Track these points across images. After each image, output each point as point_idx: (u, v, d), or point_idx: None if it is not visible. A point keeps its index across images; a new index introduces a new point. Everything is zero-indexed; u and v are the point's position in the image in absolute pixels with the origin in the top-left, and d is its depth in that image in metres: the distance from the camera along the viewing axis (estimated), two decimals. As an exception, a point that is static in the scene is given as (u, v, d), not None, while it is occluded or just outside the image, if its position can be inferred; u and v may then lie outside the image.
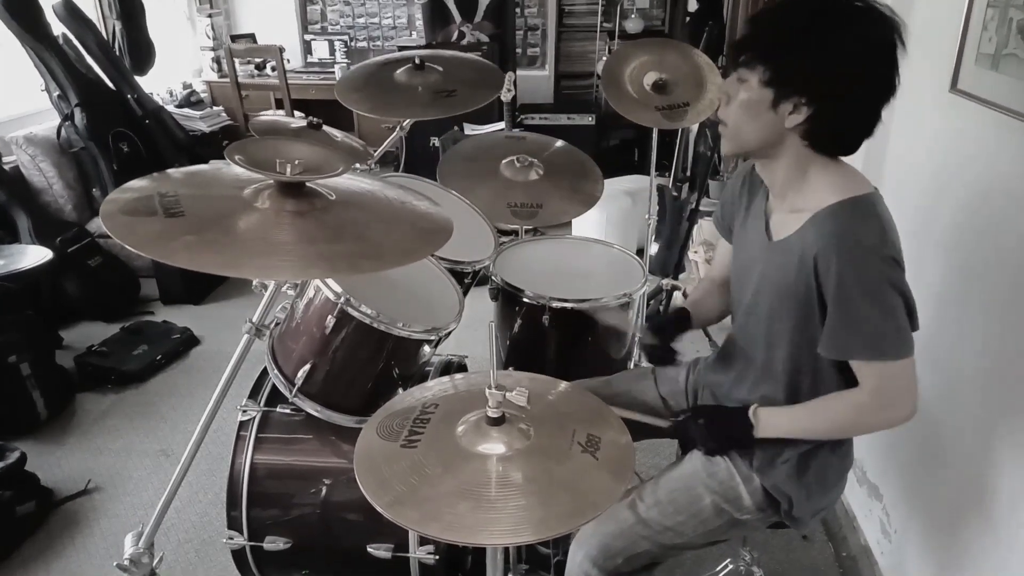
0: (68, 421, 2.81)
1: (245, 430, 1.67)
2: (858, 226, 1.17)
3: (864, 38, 1.15)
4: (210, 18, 5.26)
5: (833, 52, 1.15)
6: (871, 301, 1.16)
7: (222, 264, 0.97)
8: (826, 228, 1.18)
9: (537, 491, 1.01)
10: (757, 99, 1.20)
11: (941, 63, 1.62)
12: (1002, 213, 1.46)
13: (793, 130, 1.20)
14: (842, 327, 1.19)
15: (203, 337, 3.40)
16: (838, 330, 1.20)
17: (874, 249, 1.16)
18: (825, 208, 1.20)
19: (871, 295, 1.16)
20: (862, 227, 1.17)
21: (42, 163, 3.67)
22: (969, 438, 1.56)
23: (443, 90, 1.93)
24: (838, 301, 1.18)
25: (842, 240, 1.17)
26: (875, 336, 1.18)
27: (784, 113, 1.19)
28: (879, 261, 1.16)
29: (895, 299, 1.17)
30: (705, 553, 2.05)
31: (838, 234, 1.17)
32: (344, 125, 2.78)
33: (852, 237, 1.16)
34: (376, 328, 1.48)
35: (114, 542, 2.22)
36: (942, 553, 1.67)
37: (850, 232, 1.17)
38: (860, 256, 1.16)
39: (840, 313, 1.18)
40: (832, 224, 1.18)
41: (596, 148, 4.91)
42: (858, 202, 1.19)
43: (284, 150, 1.13)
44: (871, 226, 1.18)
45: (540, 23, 5.55)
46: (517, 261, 1.94)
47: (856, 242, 1.16)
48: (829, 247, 1.17)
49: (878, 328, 1.17)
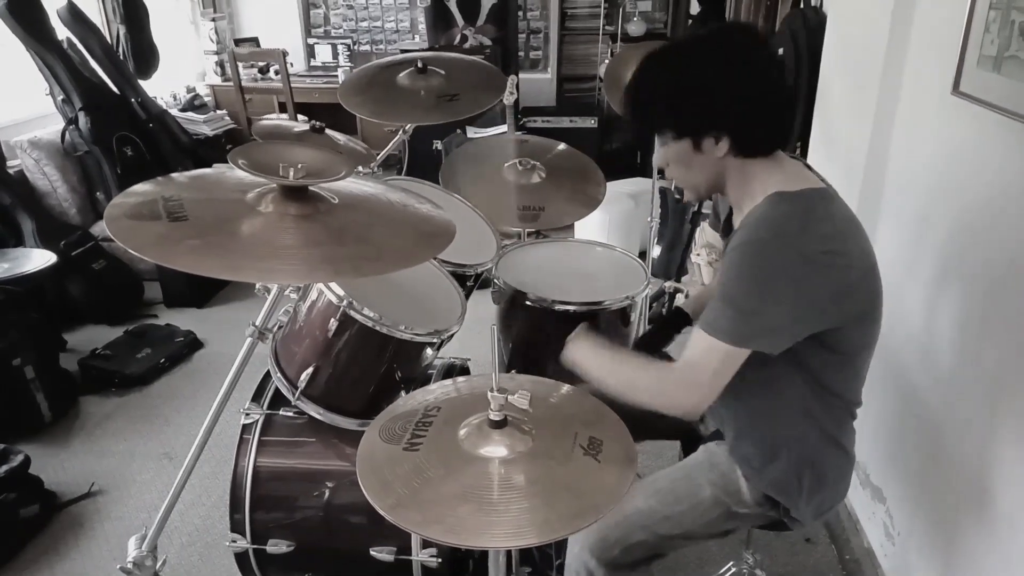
0: (72, 424, 2.82)
1: (248, 433, 1.67)
2: (778, 215, 1.19)
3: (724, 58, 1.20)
4: (214, 22, 5.28)
5: (707, 85, 1.19)
6: (745, 281, 1.17)
7: (225, 268, 0.97)
8: (753, 215, 1.22)
9: (539, 494, 1.01)
10: (683, 151, 1.26)
11: (943, 65, 1.62)
12: (1004, 215, 1.46)
13: (726, 155, 1.23)
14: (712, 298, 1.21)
15: (206, 340, 3.41)
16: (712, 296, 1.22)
17: (783, 239, 1.16)
18: (758, 203, 1.23)
19: (750, 276, 1.17)
20: (783, 217, 1.18)
21: (46, 167, 3.68)
22: (972, 440, 1.55)
23: (446, 94, 1.94)
24: (725, 270, 1.20)
25: (756, 225, 1.19)
26: (724, 310, 1.18)
27: (710, 148, 1.23)
28: (784, 252, 1.16)
29: (781, 291, 1.16)
30: (708, 555, 2.06)
31: (755, 220, 1.20)
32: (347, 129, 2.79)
33: (766, 224, 1.18)
34: (379, 331, 1.48)
35: (117, 545, 2.22)
36: (946, 556, 1.67)
37: (765, 220, 1.19)
38: (761, 241, 1.17)
39: (721, 283, 1.20)
40: (759, 211, 1.21)
41: (598, 151, 4.91)
42: (790, 196, 1.21)
43: (287, 154, 1.13)
44: (793, 217, 1.18)
45: (542, 26, 5.56)
46: (519, 264, 1.94)
47: (767, 229, 1.18)
48: (743, 230, 1.21)
49: (733, 305, 1.17)
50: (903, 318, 1.82)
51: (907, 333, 1.82)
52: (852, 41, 2.12)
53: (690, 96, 1.21)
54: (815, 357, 1.25)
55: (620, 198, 3.90)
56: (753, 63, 1.20)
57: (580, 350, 1.42)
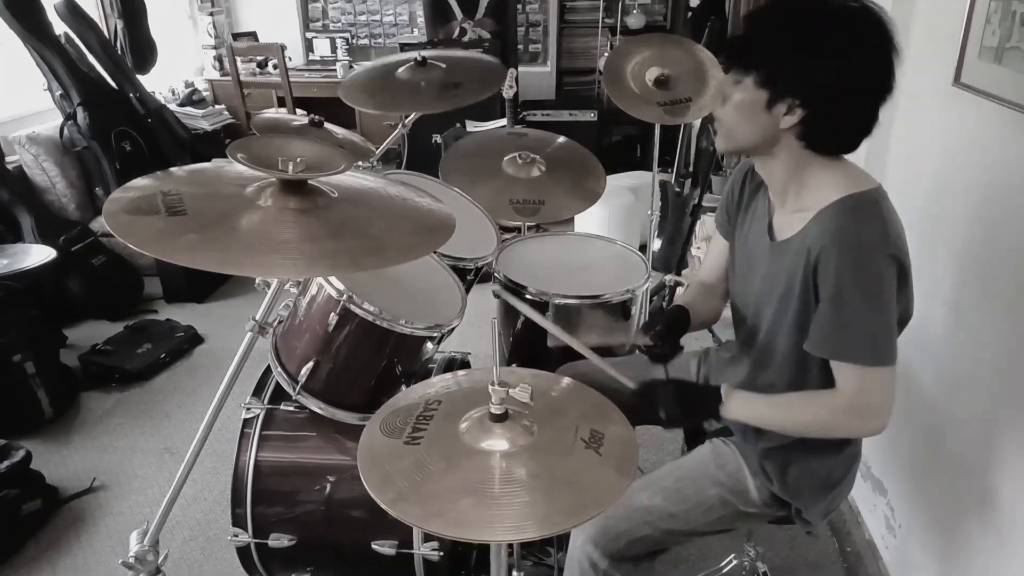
0: (73, 420, 2.82)
1: (249, 427, 1.67)
2: (860, 223, 1.16)
3: (859, 40, 1.14)
4: (212, 16, 5.26)
5: (827, 55, 1.14)
6: (866, 300, 1.15)
7: (225, 262, 0.97)
8: (827, 225, 1.17)
9: (541, 487, 1.01)
10: (752, 100, 1.19)
11: (944, 57, 1.61)
12: (1006, 208, 1.46)
13: (789, 131, 1.19)
14: (833, 326, 1.18)
15: (207, 335, 3.41)
16: (828, 328, 1.18)
17: (874, 246, 1.15)
18: (827, 206, 1.19)
19: (867, 294, 1.15)
20: (864, 224, 1.16)
21: (45, 162, 3.67)
22: (973, 433, 1.55)
23: (450, 83, 1.94)
24: (833, 298, 1.16)
25: (843, 236, 1.15)
26: (864, 338, 1.16)
27: (779, 114, 1.18)
28: (879, 259, 1.15)
29: (891, 300, 1.16)
30: (710, 548, 2.06)
31: (839, 230, 1.16)
32: (346, 122, 2.78)
33: (853, 233, 1.15)
34: (379, 325, 1.48)
35: (119, 540, 2.23)
36: (946, 548, 1.67)
37: (851, 228, 1.16)
38: (860, 253, 1.15)
39: (833, 311, 1.17)
40: (833, 221, 1.17)
41: (598, 144, 4.90)
42: (860, 198, 1.18)
43: (286, 148, 1.13)
44: (873, 223, 1.17)
45: (542, 19, 5.54)
46: (519, 258, 1.93)
47: (857, 238, 1.15)
48: (830, 244, 1.16)
49: (868, 330, 1.16)
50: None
51: (908, 325, 1.81)
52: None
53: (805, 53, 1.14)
54: None
55: (620, 191, 3.90)
56: (879, 60, 1.15)
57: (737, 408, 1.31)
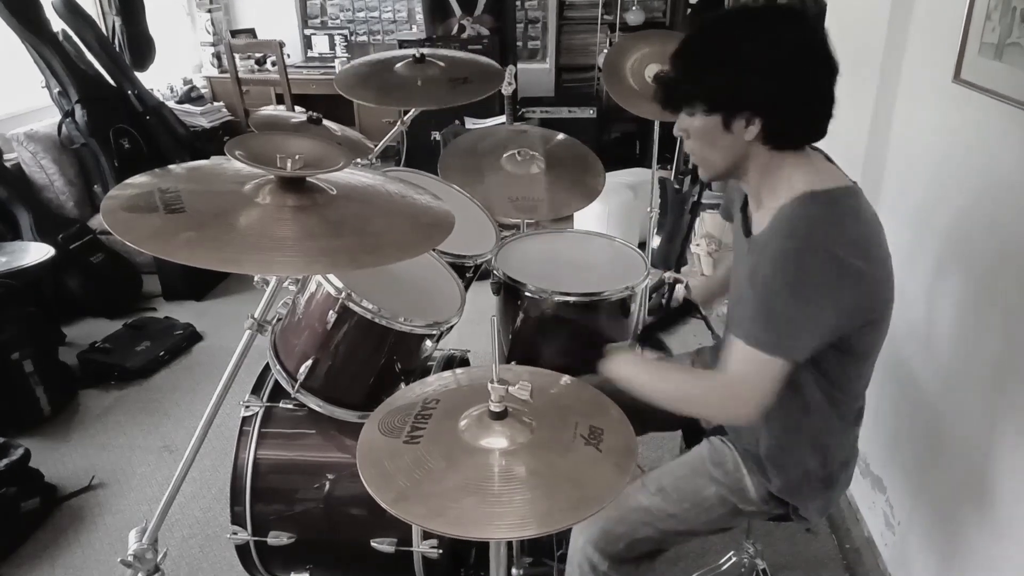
0: (71, 417, 2.82)
1: (248, 425, 1.67)
2: (810, 218, 1.15)
3: (779, 36, 1.14)
4: (210, 13, 5.26)
5: (755, 62, 1.14)
6: (786, 289, 1.13)
7: (223, 260, 0.97)
8: (781, 219, 1.18)
9: (541, 484, 1.01)
10: (710, 127, 1.20)
11: (944, 53, 1.61)
12: (1005, 205, 1.45)
13: (754, 140, 1.19)
14: (744, 303, 1.17)
15: (205, 333, 3.41)
16: (741, 306, 1.18)
17: (816, 243, 1.13)
18: (788, 202, 1.19)
19: (790, 284, 1.13)
20: (814, 220, 1.15)
21: (43, 160, 3.67)
22: (972, 430, 1.55)
23: (449, 79, 1.93)
24: (758, 280, 1.15)
25: (790, 230, 1.15)
26: (765, 320, 1.14)
27: (740, 130, 1.18)
28: (818, 256, 1.12)
29: (817, 298, 1.13)
30: (709, 545, 2.06)
31: (787, 222, 1.16)
32: (344, 120, 2.78)
33: (803, 226, 1.15)
34: (377, 323, 1.48)
35: (118, 538, 2.23)
36: (945, 545, 1.67)
37: (801, 223, 1.15)
38: (799, 245, 1.13)
39: (752, 291, 1.16)
40: (788, 214, 1.17)
41: (597, 141, 4.90)
42: (820, 196, 1.18)
43: (284, 145, 1.13)
44: (829, 219, 1.16)
45: (540, 16, 5.53)
46: (519, 255, 1.93)
47: (802, 231, 1.14)
48: (777, 235, 1.16)
49: (774, 314, 1.14)
50: (903, 307, 1.80)
51: (907, 322, 1.81)
52: (852, 29, 2.11)
53: (734, 70, 1.15)
54: (830, 358, 1.23)
55: (619, 188, 3.89)
56: (807, 51, 1.15)
57: (623, 364, 1.36)
